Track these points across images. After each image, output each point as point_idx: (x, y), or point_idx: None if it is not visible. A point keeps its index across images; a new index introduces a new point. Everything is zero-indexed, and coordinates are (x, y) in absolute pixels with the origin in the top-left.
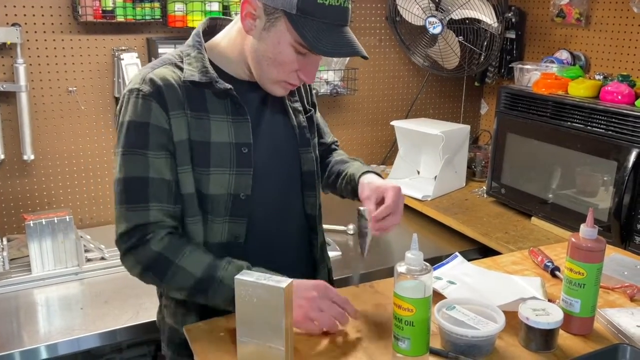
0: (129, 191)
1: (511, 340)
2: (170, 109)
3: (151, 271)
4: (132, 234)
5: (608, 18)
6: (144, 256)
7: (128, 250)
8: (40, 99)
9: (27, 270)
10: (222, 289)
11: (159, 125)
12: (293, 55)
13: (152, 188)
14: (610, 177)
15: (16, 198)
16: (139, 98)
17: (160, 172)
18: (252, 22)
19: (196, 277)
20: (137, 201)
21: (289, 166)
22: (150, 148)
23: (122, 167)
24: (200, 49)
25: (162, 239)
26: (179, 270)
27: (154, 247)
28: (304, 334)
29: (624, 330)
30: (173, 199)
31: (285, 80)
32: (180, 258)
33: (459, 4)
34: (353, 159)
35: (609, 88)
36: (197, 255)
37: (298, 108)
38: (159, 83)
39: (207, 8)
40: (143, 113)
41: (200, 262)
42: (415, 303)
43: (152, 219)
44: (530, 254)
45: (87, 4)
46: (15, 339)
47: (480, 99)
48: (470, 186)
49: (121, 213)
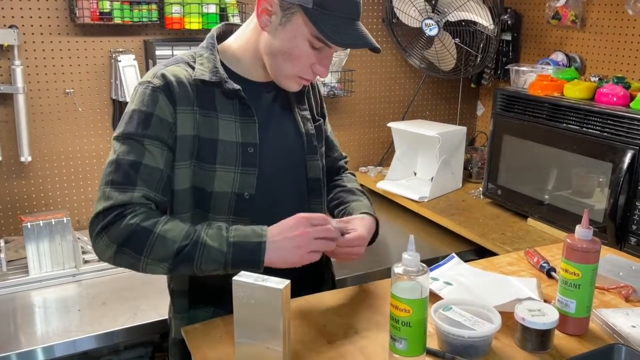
0: (119, 172)
1: (507, 341)
2: (178, 104)
3: (128, 247)
4: (110, 211)
5: (603, 20)
6: (119, 232)
7: (102, 229)
8: (37, 100)
9: (24, 271)
10: (208, 253)
11: (163, 118)
12: (308, 50)
13: (143, 173)
14: (605, 178)
15: (13, 200)
16: (148, 89)
17: (154, 160)
18: (268, 18)
19: (178, 244)
20: (124, 182)
21: (295, 172)
22: (148, 137)
23: (118, 150)
24: (212, 51)
25: (139, 213)
26: (158, 239)
27: (130, 220)
28: (302, 335)
29: (619, 331)
30: (161, 189)
31: (299, 75)
32: (158, 226)
33: (455, 6)
34: (362, 192)
35: (604, 90)
36: (174, 223)
37: (307, 116)
38: (170, 78)
39: (204, 10)
40: (149, 103)
41: (179, 229)
42: (412, 304)
43: (134, 200)
44: (526, 255)
45: (85, 6)
46: (13, 340)
47: (477, 101)
48: (466, 187)
49: (104, 193)
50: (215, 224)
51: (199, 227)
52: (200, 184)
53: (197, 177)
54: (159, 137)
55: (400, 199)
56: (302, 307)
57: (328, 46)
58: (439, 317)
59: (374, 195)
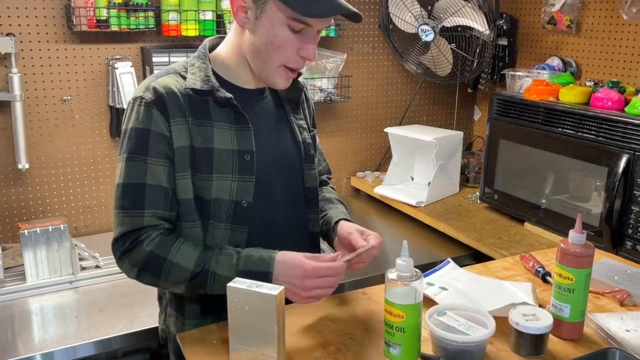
0: (126, 197)
1: (501, 346)
2: (171, 117)
3: (147, 271)
4: (126, 239)
5: (598, 25)
6: (137, 258)
7: (123, 254)
8: (34, 108)
9: (21, 279)
10: (219, 280)
11: (160, 132)
12: (290, 35)
13: (149, 194)
14: (601, 182)
15: (11, 207)
16: (142, 105)
17: (157, 178)
18: (244, 15)
19: (191, 271)
20: (132, 207)
21: (292, 181)
22: (150, 154)
23: (122, 172)
24: (204, 60)
25: (153, 239)
26: (172, 265)
27: (147, 247)
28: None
29: (614, 335)
30: (169, 205)
31: (285, 64)
32: (171, 254)
33: (451, 12)
34: (338, 200)
35: (599, 94)
36: (187, 249)
37: (303, 125)
38: (161, 91)
39: (201, 17)
40: (144, 120)
41: (191, 255)
42: (406, 309)
43: (146, 223)
44: (522, 260)
45: (82, 13)
46: (10, 348)
47: (473, 106)
48: (463, 192)
49: (117, 218)
50: (226, 249)
51: (210, 253)
52: (200, 193)
53: (196, 186)
54: (159, 153)
55: (397, 203)
56: (297, 313)
57: (308, 25)
58: (434, 322)
59: (371, 200)
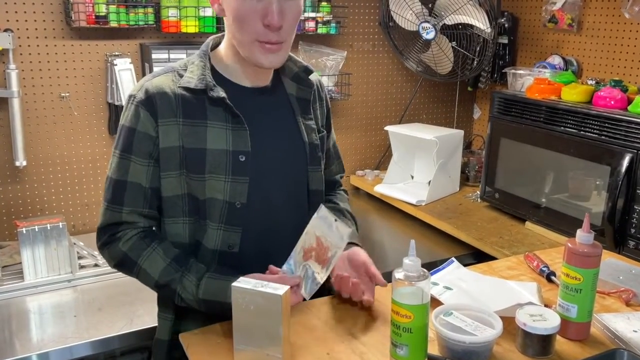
0: (110, 190)
1: (508, 346)
2: (159, 117)
3: (122, 268)
4: (105, 231)
5: (600, 23)
6: (114, 254)
7: (103, 245)
8: (32, 104)
9: (19, 277)
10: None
11: (145, 132)
12: (250, 4)
13: (129, 192)
14: (603, 181)
15: (8, 204)
16: (132, 104)
17: (138, 177)
18: (218, 5)
19: (155, 280)
20: (114, 201)
21: (294, 182)
22: (134, 153)
23: (112, 167)
24: (203, 58)
25: (129, 239)
26: (141, 270)
27: (122, 247)
28: (301, 341)
29: (621, 336)
30: (148, 203)
31: (257, 38)
32: (141, 259)
33: (452, 10)
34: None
35: (601, 93)
36: (155, 258)
37: (312, 126)
38: (152, 91)
39: (200, 14)
40: (132, 119)
41: (158, 265)
42: (413, 309)
43: (124, 219)
44: (526, 259)
45: (80, 9)
46: (8, 347)
47: (473, 104)
48: (464, 191)
49: (102, 209)
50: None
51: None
52: (194, 192)
53: (190, 186)
54: (143, 153)
55: (397, 202)
56: (302, 313)
57: None
58: (440, 322)
59: (371, 198)
